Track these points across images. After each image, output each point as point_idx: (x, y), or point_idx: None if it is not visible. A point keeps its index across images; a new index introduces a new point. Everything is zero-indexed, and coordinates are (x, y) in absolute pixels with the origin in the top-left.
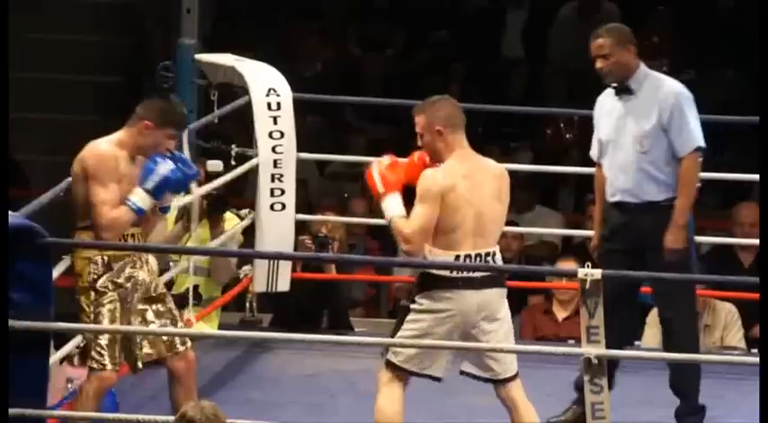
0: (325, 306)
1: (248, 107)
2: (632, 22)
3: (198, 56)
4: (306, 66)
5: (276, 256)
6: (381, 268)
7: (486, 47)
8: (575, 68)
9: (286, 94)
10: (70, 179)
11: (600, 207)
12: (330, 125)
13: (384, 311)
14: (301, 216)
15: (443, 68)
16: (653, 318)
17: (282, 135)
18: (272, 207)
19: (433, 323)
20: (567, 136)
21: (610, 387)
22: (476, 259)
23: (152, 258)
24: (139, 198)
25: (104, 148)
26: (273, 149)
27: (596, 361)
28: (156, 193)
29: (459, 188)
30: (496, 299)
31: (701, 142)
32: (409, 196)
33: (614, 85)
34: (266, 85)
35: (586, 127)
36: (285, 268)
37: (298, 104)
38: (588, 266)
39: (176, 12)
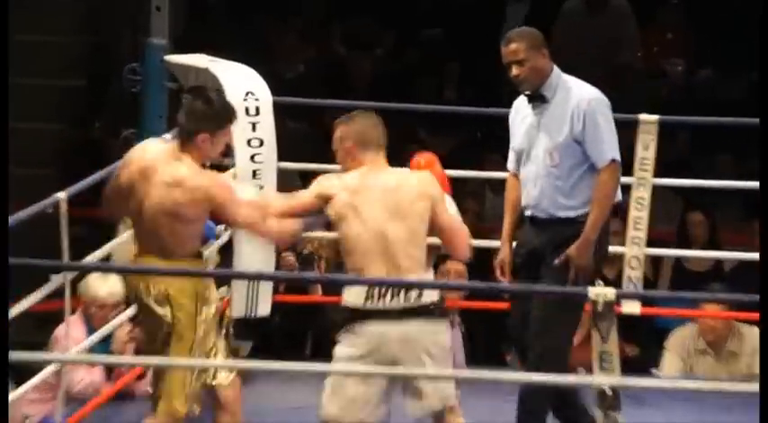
0: (311, 331)
1: None
2: (643, 16)
3: (168, 57)
4: (286, 66)
5: (256, 277)
6: None
7: (483, 44)
8: (582, 67)
9: (265, 97)
10: (60, 194)
11: (509, 220)
12: (314, 131)
13: None
14: None
15: (437, 68)
16: (673, 343)
17: (262, 143)
18: None
19: (348, 368)
20: None
21: None
22: (390, 287)
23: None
24: None
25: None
26: (252, 158)
27: (611, 392)
28: None
29: (343, 198)
30: (426, 334)
31: (616, 154)
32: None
33: (527, 93)
34: (243, 89)
35: None
36: (266, 290)
37: (278, 109)
38: (600, 284)
39: (145, 9)
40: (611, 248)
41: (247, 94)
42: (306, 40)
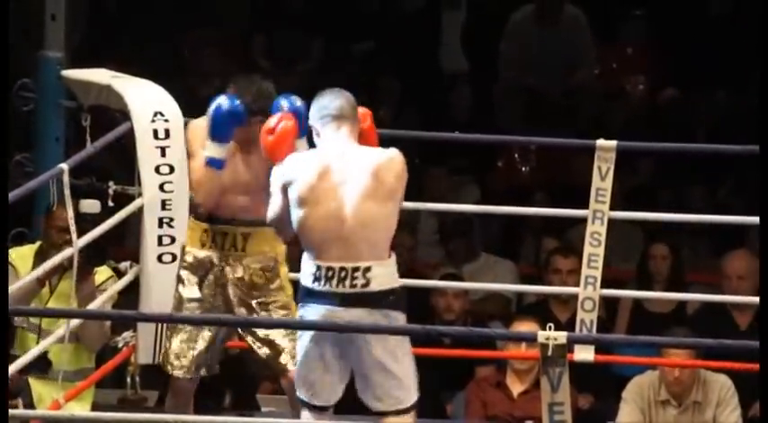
0: (228, 381)
1: (129, 136)
2: (602, 31)
3: (65, 72)
4: (201, 83)
5: (165, 320)
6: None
7: (421, 58)
8: (532, 85)
9: (176, 118)
10: None
11: None
12: None
13: None
14: None
15: (370, 86)
16: (631, 392)
17: (172, 170)
18: (159, 258)
19: (307, 342)
20: (523, 169)
21: None
22: (340, 273)
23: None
24: (207, 148)
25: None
26: (161, 187)
27: None
28: (216, 132)
29: (305, 180)
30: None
31: None
32: None
33: None
34: (151, 109)
35: (546, 158)
36: None
37: None
38: (551, 328)
39: (38, 18)
40: (564, 289)
41: (156, 114)
42: (224, 54)
